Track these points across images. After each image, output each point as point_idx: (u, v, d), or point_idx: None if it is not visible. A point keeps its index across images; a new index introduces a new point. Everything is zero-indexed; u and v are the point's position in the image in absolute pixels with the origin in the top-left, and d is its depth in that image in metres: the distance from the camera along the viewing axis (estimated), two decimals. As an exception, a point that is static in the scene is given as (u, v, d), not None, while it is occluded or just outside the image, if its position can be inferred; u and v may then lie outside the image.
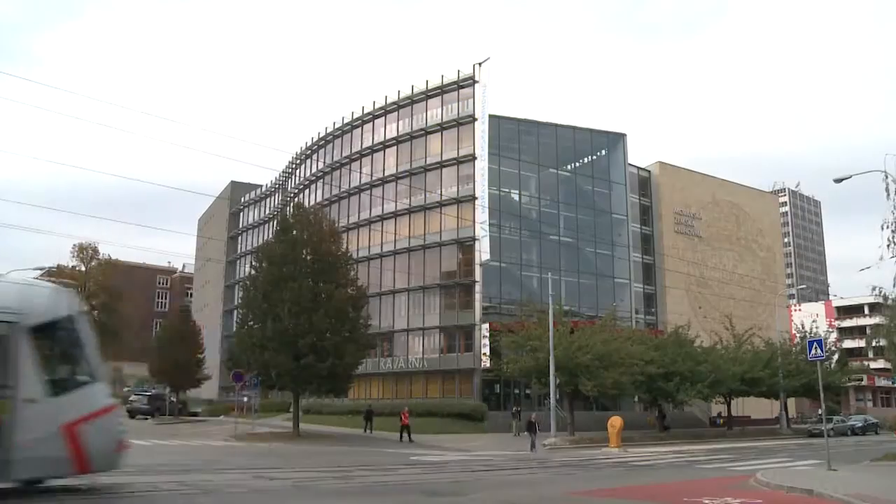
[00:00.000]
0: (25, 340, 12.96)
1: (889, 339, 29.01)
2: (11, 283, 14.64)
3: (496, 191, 61.05)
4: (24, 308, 13.24)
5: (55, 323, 13.75)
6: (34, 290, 14.18)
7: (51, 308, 13.82)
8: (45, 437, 12.76)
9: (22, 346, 12.86)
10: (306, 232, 42.67)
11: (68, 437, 13.01)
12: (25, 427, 12.51)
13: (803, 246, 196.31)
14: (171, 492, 14.32)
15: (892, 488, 16.49)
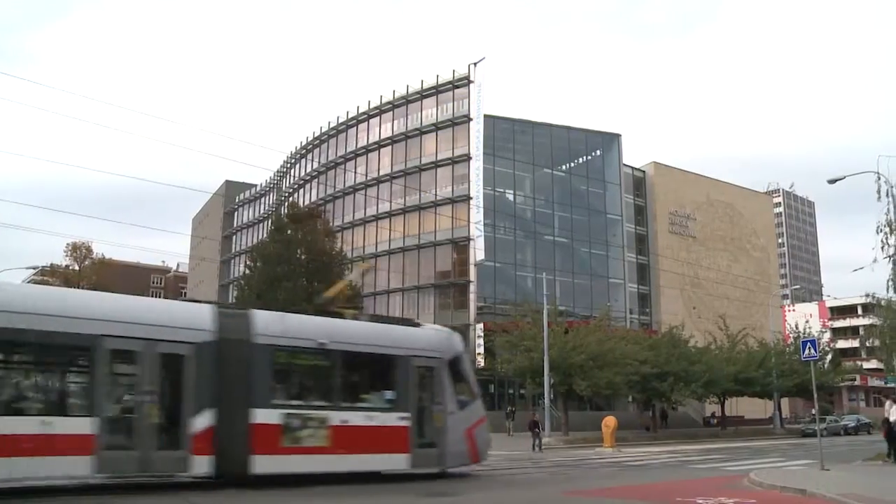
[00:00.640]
0: (445, 371, 18.72)
1: (882, 340, 29.09)
2: (433, 330, 20.88)
3: (491, 191, 61.10)
4: (442, 347, 19.12)
5: (457, 357, 19.39)
6: (445, 334, 20.12)
7: (454, 346, 19.63)
8: (458, 438, 18.60)
9: (444, 376, 18.67)
10: (301, 231, 42.73)
11: (468, 438, 18.92)
12: (449, 431, 18.44)
13: (797, 246, 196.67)
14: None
15: (884, 488, 16.54)
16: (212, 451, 14.85)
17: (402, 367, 18.08)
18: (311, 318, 19.52)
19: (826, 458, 21.22)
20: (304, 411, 16.43)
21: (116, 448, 13.96)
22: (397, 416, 17.70)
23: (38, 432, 13.17)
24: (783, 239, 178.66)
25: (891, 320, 27.83)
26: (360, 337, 18.14)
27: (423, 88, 65.40)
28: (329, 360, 17.38)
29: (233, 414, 15.34)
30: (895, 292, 27.75)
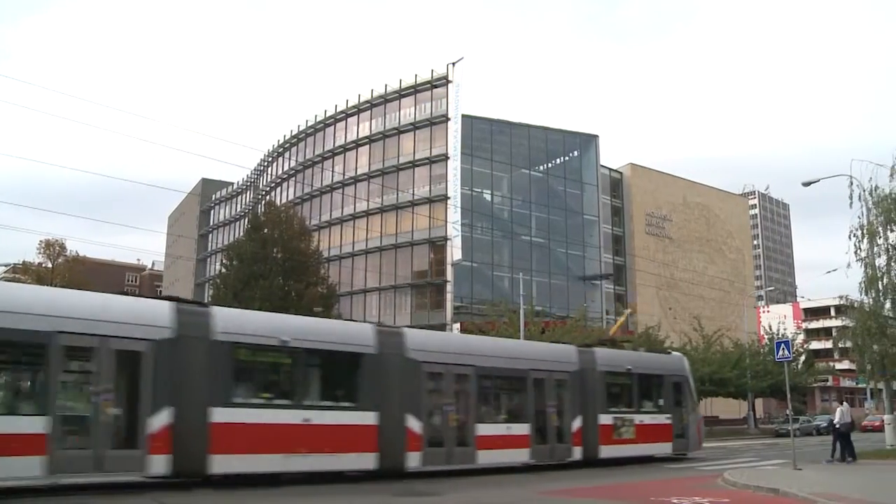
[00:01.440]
0: (687, 385, 26.79)
1: (854, 342, 29.34)
2: (678, 357, 28.83)
3: (468, 191, 61.11)
4: (685, 369, 27.25)
5: (690, 375, 27.59)
6: (684, 359, 28.55)
7: (687, 367, 27.59)
8: (694, 431, 26.49)
9: (686, 388, 26.67)
10: (277, 230, 42.50)
11: (698, 431, 26.96)
12: (690, 427, 26.29)
13: (772, 248, 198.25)
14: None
15: (854, 486, 16.70)
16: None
17: (666, 383, 25.95)
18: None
19: (799, 458, 21.40)
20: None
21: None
22: (665, 416, 25.33)
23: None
24: (758, 241, 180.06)
25: (863, 322, 28.05)
26: (633, 363, 25.22)
27: (402, 88, 65.32)
28: (630, 380, 25.02)
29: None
30: (867, 294, 28.06)
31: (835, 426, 24.84)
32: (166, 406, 14.73)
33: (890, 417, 29.51)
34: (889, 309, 28.36)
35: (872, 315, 27.67)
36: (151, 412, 14.62)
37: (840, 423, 24.54)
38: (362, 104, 68.25)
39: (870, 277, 27.73)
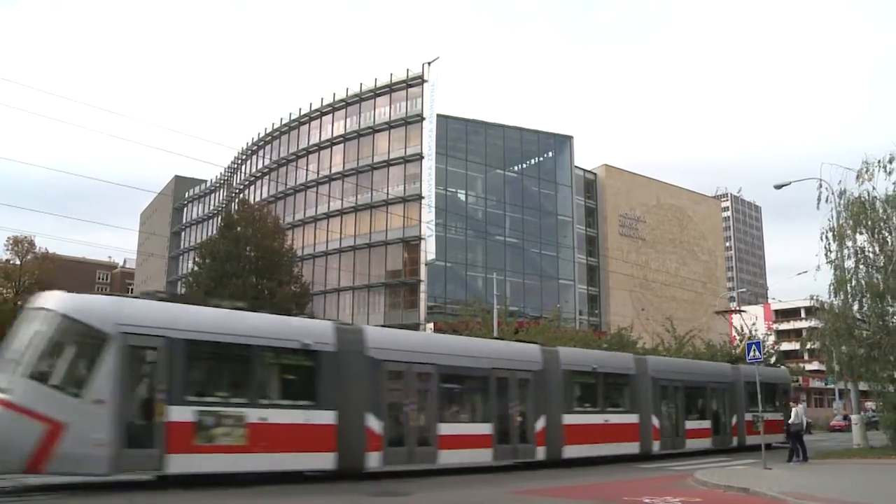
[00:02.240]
0: None
1: (823, 343, 29.65)
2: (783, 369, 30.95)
3: (443, 190, 61.09)
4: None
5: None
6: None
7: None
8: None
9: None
10: (250, 228, 42.26)
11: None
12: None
13: (744, 250, 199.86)
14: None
15: (821, 485, 16.88)
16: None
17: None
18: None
19: (768, 458, 21.57)
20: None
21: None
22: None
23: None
24: (730, 242, 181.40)
25: (832, 324, 28.34)
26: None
27: (377, 87, 65.17)
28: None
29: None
30: (836, 296, 28.34)
31: (787, 426, 25.11)
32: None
33: (857, 417, 29.84)
34: (857, 311, 28.67)
35: (841, 317, 27.95)
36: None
37: (792, 422, 24.82)
38: (337, 103, 68.02)
39: (839, 279, 28.00)
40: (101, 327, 14.76)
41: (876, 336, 27.00)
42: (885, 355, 26.59)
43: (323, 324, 19.40)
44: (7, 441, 13.29)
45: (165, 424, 14.85)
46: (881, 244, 27.71)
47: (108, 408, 14.29)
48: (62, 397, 14.13)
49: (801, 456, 24.19)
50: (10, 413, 13.47)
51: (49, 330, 14.55)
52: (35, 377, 14.03)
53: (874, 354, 26.93)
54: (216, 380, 17.03)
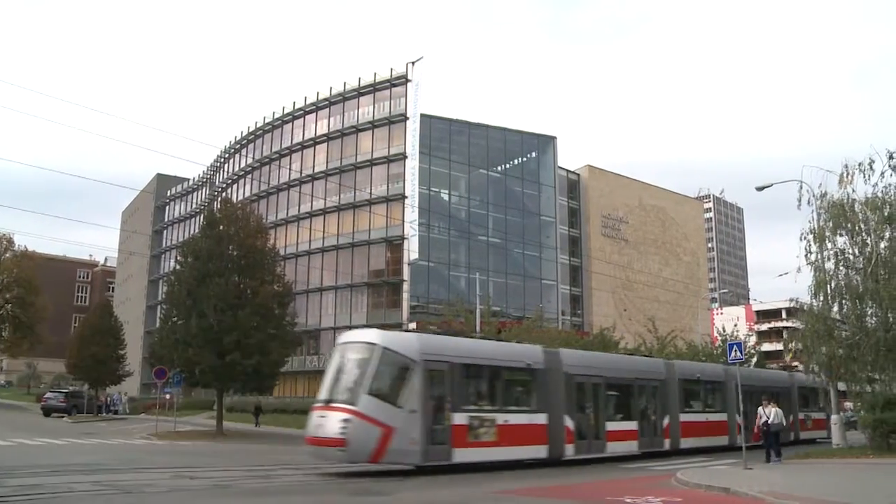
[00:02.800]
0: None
1: (804, 343, 29.83)
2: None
3: (426, 190, 61.07)
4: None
5: None
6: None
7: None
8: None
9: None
10: (233, 227, 41.91)
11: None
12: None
13: (726, 251, 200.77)
14: (87, 492, 13.87)
15: (801, 484, 17.01)
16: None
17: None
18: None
19: (749, 458, 21.70)
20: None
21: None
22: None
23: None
24: (713, 244, 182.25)
25: (812, 325, 28.53)
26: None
27: (361, 86, 65.05)
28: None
29: None
30: (816, 298, 28.52)
31: (767, 426, 25.24)
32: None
33: (836, 418, 30.03)
34: (837, 312, 28.87)
35: (821, 318, 28.13)
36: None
37: (772, 422, 25.00)
38: (320, 102, 67.88)
39: (819, 281, 28.16)
40: (411, 356, 20.14)
41: (855, 337, 27.17)
42: (864, 356, 26.77)
43: (535, 348, 25.69)
44: (358, 440, 18.39)
45: (451, 426, 20.30)
46: (861, 246, 27.90)
47: (418, 416, 19.58)
48: (390, 408, 19.20)
49: (776, 455, 24.41)
50: (359, 420, 18.48)
51: (376, 359, 19.63)
52: (372, 393, 19.12)
53: (853, 355, 27.11)
54: (478, 392, 22.47)
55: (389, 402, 19.38)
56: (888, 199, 27.60)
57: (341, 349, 21.33)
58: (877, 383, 28.54)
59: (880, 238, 27.64)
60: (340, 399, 19.35)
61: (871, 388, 28.20)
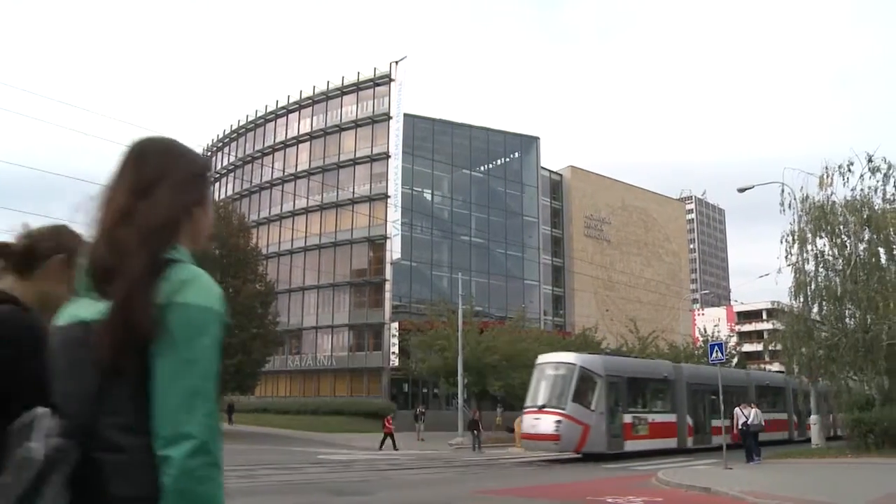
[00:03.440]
0: None
1: (784, 344, 30.05)
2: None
3: (409, 190, 60.97)
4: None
5: None
6: None
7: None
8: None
9: None
10: (215, 226, 41.75)
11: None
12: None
13: (707, 252, 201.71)
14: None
15: (780, 484, 17.12)
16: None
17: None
18: None
19: (729, 458, 21.84)
20: None
21: None
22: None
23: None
24: (694, 245, 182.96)
25: (792, 326, 28.74)
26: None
27: (344, 85, 64.86)
28: None
29: None
30: (796, 299, 28.74)
31: (747, 426, 25.46)
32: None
33: (816, 418, 30.27)
34: (817, 313, 29.10)
35: (801, 319, 28.36)
36: None
37: (751, 423, 25.24)
38: (304, 100, 67.64)
39: (799, 282, 28.40)
40: (598, 372, 27.68)
41: (834, 338, 27.43)
42: (843, 357, 27.01)
43: (667, 363, 35.18)
44: (567, 435, 25.80)
45: (623, 424, 27.43)
46: (840, 248, 28.17)
47: (604, 416, 26.96)
48: (586, 411, 26.51)
49: (756, 455, 24.61)
50: (567, 420, 25.98)
51: (576, 375, 27.08)
52: (574, 401, 26.47)
53: (833, 356, 27.36)
54: (637, 398, 29.81)
55: (586, 407, 26.75)
56: (867, 201, 27.85)
57: (544, 367, 28.93)
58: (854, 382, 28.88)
59: (859, 240, 27.91)
60: (552, 405, 26.82)
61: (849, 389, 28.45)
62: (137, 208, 1.79)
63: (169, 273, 1.72)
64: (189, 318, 1.67)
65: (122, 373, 1.65)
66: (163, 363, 1.64)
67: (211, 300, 1.74)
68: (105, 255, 1.75)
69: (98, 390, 1.66)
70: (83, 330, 1.72)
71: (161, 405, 1.63)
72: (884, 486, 16.03)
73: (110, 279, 1.71)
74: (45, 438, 1.61)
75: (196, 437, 1.63)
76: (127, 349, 1.63)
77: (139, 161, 1.90)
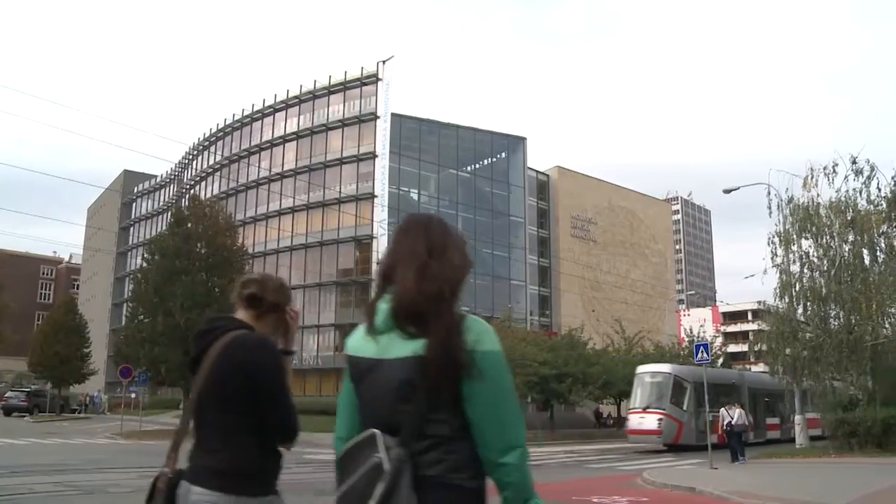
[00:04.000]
0: None
1: (769, 345, 30.20)
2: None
3: (395, 189, 60.92)
4: None
5: None
6: None
7: None
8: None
9: None
10: (201, 225, 41.69)
11: None
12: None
13: (693, 253, 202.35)
14: (49, 493, 13.68)
15: (765, 484, 17.19)
16: None
17: None
18: None
19: (715, 458, 21.92)
20: None
21: None
22: None
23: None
24: (680, 245, 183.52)
25: (777, 326, 28.88)
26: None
27: (331, 84, 64.74)
28: None
29: None
30: (781, 300, 28.88)
31: (730, 426, 25.60)
32: None
33: (800, 418, 30.43)
34: (801, 314, 29.24)
35: (786, 320, 28.51)
36: None
37: (735, 423, 25.41)
38: (290, 100, 67.48)
39: (784, 283, 28.55)
40: (687, 379, 33.44)
41: (819, 339, 27.57)
42: (827, 357, 27.16)
43: (735, 371, 43.05)
44: (667, 431, 31.66)
45: (705, 422, 28.74)
46: (825, 249, 28.32)
47: (692, 415, 32.44)
48: (680, 411, 32.28)
49: (741, 455, 24.76)
50: (667, 418, 31.79)
51: (671, 382, 33.68)
52: (671, 402, 32.46)
53: (817, 356, 27.50)
54: (714, 400, 31.03)
55: (679, 407, 32.65)
56: (851, 202, 28.03)
57: (644, 376, 35.40)
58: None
59: (843, 241, 28.10)
60: (654, 406, 32.94)
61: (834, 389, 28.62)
62: (433, 266, 2.36)
63: (467, 323, 2.32)
64: (495, 362, 2.29)
65: (442, 394, 2.23)
66: (483, 394, 2.25)
67: (499, 346, 2.35)
68: (413, 303, 2.29)
69: (425, 408, 2.23)
70: (408, 364, 2.25)
71: (491, 425, 2.25)
72: (866, 486, 16.14)
73: (418, 322, 2.27)
74: (386, 450, 2.17)
75: (521, 446, 2.30)
76: (449, 378, 2.22)
77: (427, 230, 2.50)
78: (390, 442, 2.20)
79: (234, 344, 2.92)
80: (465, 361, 2.22)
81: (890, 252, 27.82)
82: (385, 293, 2.41)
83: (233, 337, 2.94)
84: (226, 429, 2.89)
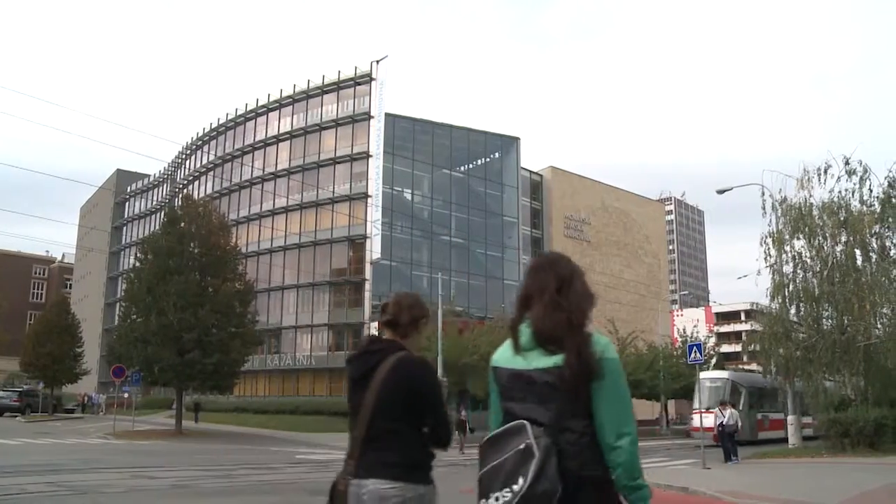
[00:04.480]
0: None
1: (762, 345, 30.24)
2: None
3: (389, 189, 60.87)
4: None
5: None
6: None
7: None
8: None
9: None
10: (194, 224, 41.55)
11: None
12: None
13: (686, 253, 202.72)
14: (42, 493, 13.63)
15: (758, 484, 17.24)
16: None
17: None
18: None
19: (708, 458, 21.94)
20: None
21: None
22: None
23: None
24: (674, 246, 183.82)
25: (770, 327, 28.93)
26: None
27: (325, 84, 64.67)
28: None
29: None
30: (774, 300, 28.94)
31: (722, 427, 25.67)
32: None
33: (793, 418, 30.50)
34: (794, 314, 29.29)
35: (779, 320, 28.54)
36: None
37: (727, 423, 25.49)
38: (284, 99, 67.40)
39: (777, 284, 28.59)
40: (742, 384, 39.52)
41: (811, 339, 27.61)
42: (820, 358, 27.21)
43: (753, 375, 43.94)
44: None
45: (756, 420, 35.56)
46: (818, 250, 28.36)
47: (746, 414, 35.88)
48: (736, 411, 30.22)
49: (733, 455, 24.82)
50: (739, 414, 30.35)
51: (729, 386, 38.48)
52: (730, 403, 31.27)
53: (809, 357, 27.55)
54: (762, 402, 39.04)
55: (735, 408, 32.56)
56: (844, 203, 28.08)
57: (705, 381, 38.21)
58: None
59: (836, 242, 28.13)
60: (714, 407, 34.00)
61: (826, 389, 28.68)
62: (561, 299, 3.02)
63: (594, 339, 2.93)
64: (615, 368, 2.89)
65: (579, 395, 2.82)
66: (607, 392, 2.84)
67: (617, 354, 2.97)
68: (550, 328, 2.94)
69: (565, 406, 2.83)
70: (550, 373, 2.86)
71: (610, 417, 2.82)
72: (858, 486, 16.18)
73: (555, 342, 2.90)
74: (535, 438, 2.70)
75: (631, 434, 2.82)
76: (583, 382, 2.81)
77: (555, 266, 3.17)
78: (538, 432, 2.74)
79: (400, 365, 3.56)
80: (595, 368, 2.82)
81: (882, 253, 27.86)
82: (523, 318, 3.06)
83: (398, 358, 3.58)
84: (396, 432, 3.52)
